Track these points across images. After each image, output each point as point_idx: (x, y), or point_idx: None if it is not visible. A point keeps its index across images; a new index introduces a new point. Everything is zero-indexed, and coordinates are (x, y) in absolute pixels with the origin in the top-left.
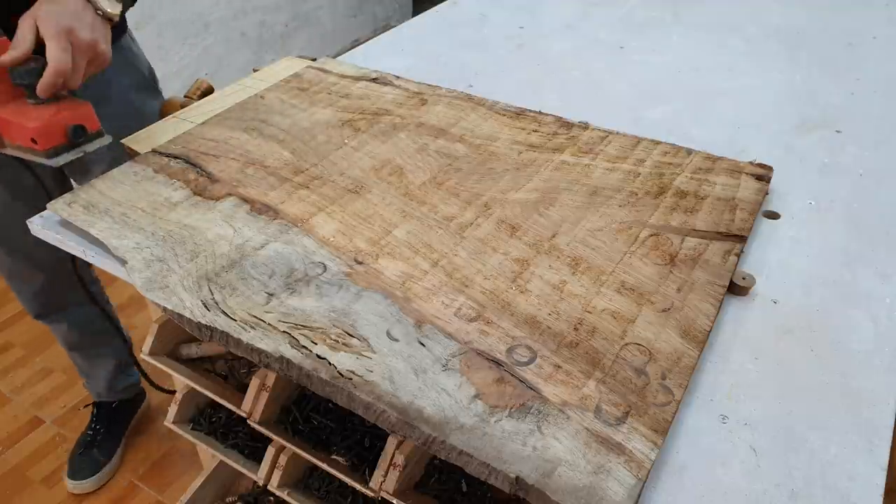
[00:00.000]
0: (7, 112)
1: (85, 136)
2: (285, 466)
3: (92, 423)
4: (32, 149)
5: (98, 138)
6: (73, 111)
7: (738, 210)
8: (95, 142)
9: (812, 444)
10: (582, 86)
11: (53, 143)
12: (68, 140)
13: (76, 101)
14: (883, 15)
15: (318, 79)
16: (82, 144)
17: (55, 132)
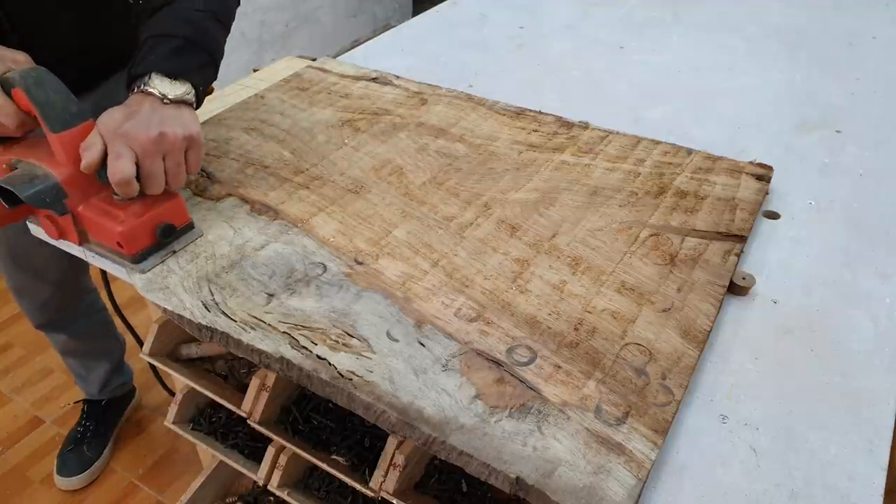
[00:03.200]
0: (91, 210)
1: (174, 233)
2: (285, 466)
3: (82, 419)
4: (118, 252)
5: (187, 232)
6: (161, 208)
7: (739, 210)
8: (184, 237)
9: (812, 444)
10: (582, 86)
11: (140, 247)
12: (156, 240)
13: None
14: (883, 15)
15: (318, 79)
16: (170, 243)
17: (142, 235)
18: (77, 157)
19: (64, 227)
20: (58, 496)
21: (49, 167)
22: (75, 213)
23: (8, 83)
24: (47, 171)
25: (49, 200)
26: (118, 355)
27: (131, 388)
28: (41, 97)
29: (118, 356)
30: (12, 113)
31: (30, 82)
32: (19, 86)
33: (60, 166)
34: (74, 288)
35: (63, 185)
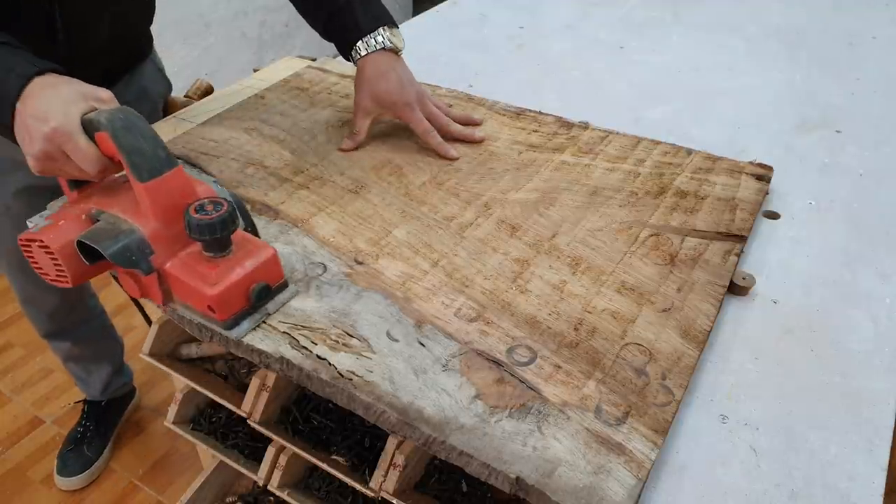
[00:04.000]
0: (179, 268)
1: (269, 294)
2: (285, 466)
3: (82, 420)
4: (207, 315)
5: (281, 291)
6: (256, 266)
7: (739, 210)
8: (279, 297)
9: (812, 444)
10: (582, 86)
11: (234, 311)
12: (250, 303)
13: (257, 246)
14: (883, 15)
15: (318, 79)
16: (265, 305)
17: (236, 298)
18: (165, 208)
19: (146, 286)
20: (58, 496)
21: (133, 220)
22: (161, 272)
23: (92, 125)
24: (132, 225)
25: (135, 258)
26: (118, 357)
27: (131, 389)
28: (129, 143)
29: (118, 358)
30: (95, 159)
31: (117, 126)
32: (106, 130)
33: (146, 219)
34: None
35: (149, 240)
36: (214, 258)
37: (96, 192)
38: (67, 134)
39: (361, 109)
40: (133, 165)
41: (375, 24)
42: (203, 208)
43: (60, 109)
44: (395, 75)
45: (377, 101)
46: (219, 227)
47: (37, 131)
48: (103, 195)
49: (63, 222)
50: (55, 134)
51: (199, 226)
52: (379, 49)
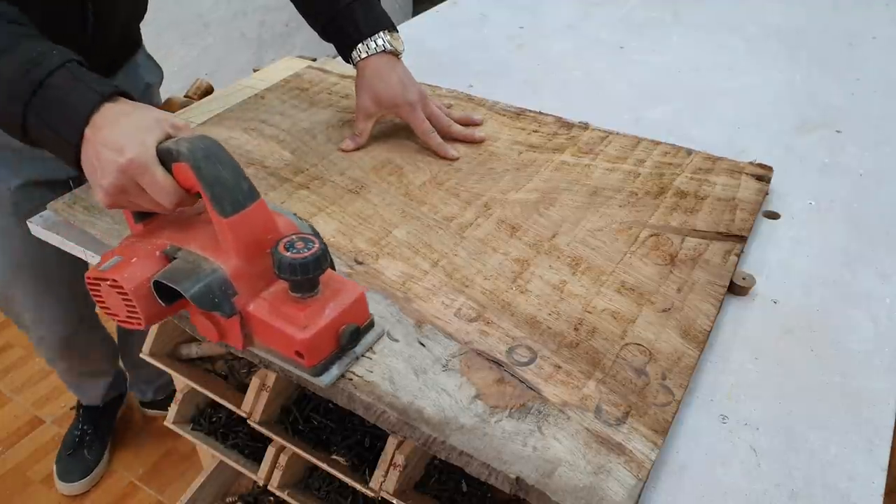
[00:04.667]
0: (264, 310)
1: (359, 336)
2: (285, 466)
3: (79, 423)
4: (294, 361)
5: (369, 331)
6: (345, 306)
7: (739, 210)
8: (367, 339)
9: (812, 444)
10: (582, 86)
11: (323, 356)
12: (339, 346)
13: (344, 285)
14: (883, 15)
15: (318, 79)
16: (354, 347)
17: (325, 342)
18: (248, 244)
19: (226, 329)
20: (58, 496)
21: (214, 257)
22: (244, 314)
23: (171, 156)
24: (213, 263)
25: (217, 300)
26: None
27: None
28: (212, 175)
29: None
30: (172, 191)
31: (199, 156)
32: (186, 161)
33: (228, 256)
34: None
35: (232, 279)
36: (302, 299)
37: (167, 225)
38: (143, 165)
39: (363, 111)
40: (215, 199)
41: (376, 27)
42: (293, 246)
43: (136, 139)
44: (397, 76)
45: (379, 102)
46: (312, 266)
47: (110, 163)
48: (177, 229)
49: (136, 260)
50: (131, 166)
51: (292, 265)
52: (380, 52)
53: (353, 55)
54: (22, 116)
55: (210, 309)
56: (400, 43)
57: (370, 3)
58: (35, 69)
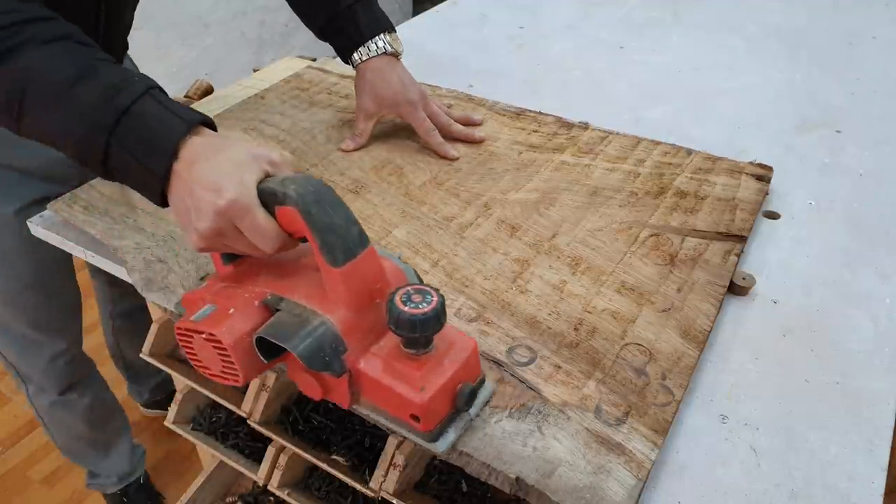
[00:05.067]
0: (376, 367)
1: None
2: (285, 466)
3: None
4: (407, 424)
5: (481, 387)
6: (460, 362)
7: (739, 210)
8: (480, 396)
9: (812, 444)
10: (582, 86)
11: (439, 419)
12: (454, 407)
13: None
14: (883, 15)
15: (318, 79)
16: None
17: (442, 404)
18: (359, 295)
19: (332, 386)
20: (58, 496)
21: (321, 309)
22: (353, 371)
23: (275, 198)
24: (322, 316)
25: (328, 358)
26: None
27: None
28: (323, 221)
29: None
30: (275, 236)
31: (309, 201)
32: (295, 205)
33: (336, 308)
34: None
35: (342, 334)
36: (416, 355)
37: (261, 269)
38: (245, 208)
39: (364, 111)
40: (327, 247)
41: (377, 29)
42: (410, 299)
43: (235, 178)
44: (397, 77)
45: (380, 102)
46: (433, 322)
47: (207, 204)
48: (275, 275)
49: (234, 311)
50: (231, 208)
51: (412, 321)
52: (380, 53)
53: (355, 57)
54: (105, 146)
55: (321, 369)
56: (399, 44)
57: (370, 4)
58: (119, 95)
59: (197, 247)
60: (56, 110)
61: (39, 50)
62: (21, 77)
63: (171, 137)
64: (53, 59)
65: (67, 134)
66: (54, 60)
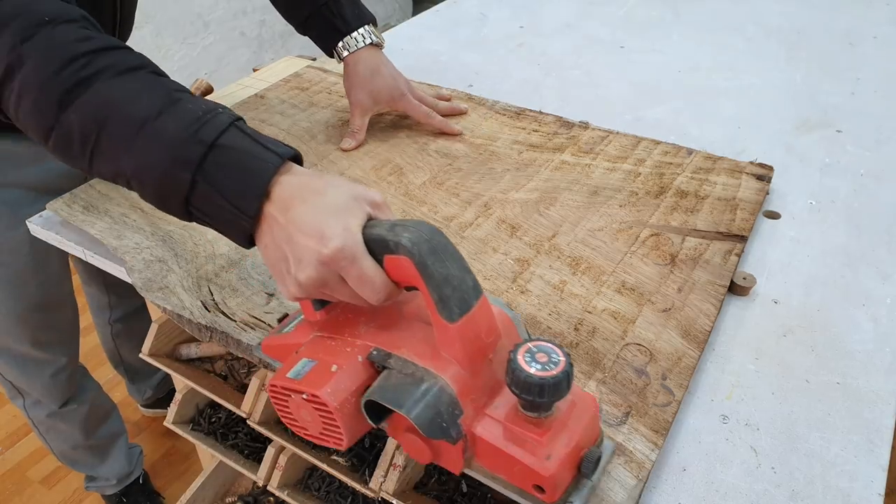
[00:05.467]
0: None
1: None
2: (285, 467)
3: None
4: (530, 494)
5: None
6: (584, 425)
7: (739, 210)
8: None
9: (812, 444)
10: (582, 85)
11: (564, 489)
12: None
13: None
14: (883, 14)
15: (318, 78)
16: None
17: (568, 472)
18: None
19: (443, 451)
20: (58, 496)
21: (433, 367)
22: (469, 435)
23: (386, 247)
24: (435, 377)
25: (446, 424)
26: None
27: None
28: (440, 273)
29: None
30: (382, 287)
31: (425, 251)
32: (409, 256)
33: (449, 366)
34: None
35: (458, 396)
36: (537, 418)
37: (361, 318)
38: (352, 257)
39: (360, 107)
40: (442, 302)
41: (362, 20)
42: (535, 358)
43: (339, 224)
44: (387, 70)
45: (375, 97)
46: (563, 387)
47: (311, 253)
48: (377, 327)
49: (337, 369)
50: (337, 257)
51: (541, 386)
52: (367, 45)
53: (340, 48)
54: (190, 184)
55: (438, 436)
56: (380, 36)
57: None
58: (204, 128)
59: (293, 296)
60: (136, 146)
61: (115, 82)
62: (97, 111)
63: (263, 174)
64: (131, 91)
65: (148, 171)
66: (132, 93)
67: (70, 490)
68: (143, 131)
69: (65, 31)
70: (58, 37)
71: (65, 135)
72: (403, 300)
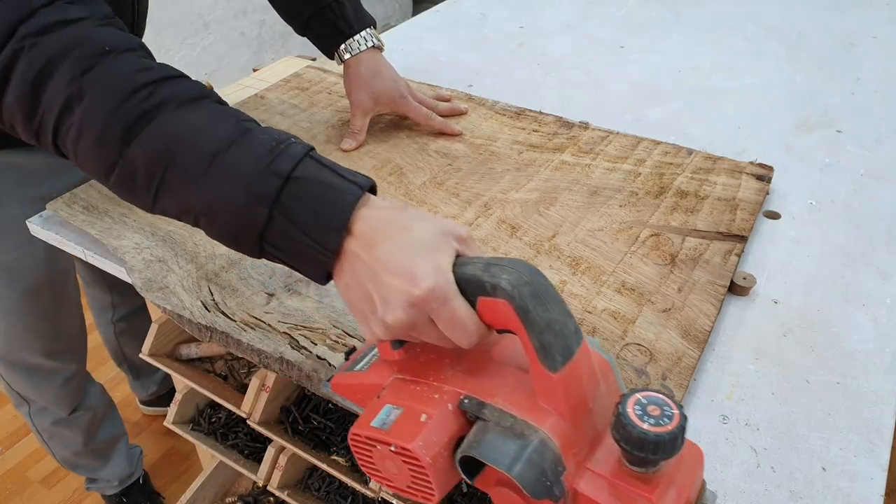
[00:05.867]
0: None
1: None
2: (285, 467)
3: None
4: None
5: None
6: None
7: (739, 210)
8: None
9: (812, 444)
10: (582, 85)
11: None
12: None
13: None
14: (883, 15)
15: (318, 78)
16: None
17: None
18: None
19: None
20: (58, 496)
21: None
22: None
23: (481, 288)
24: (536, 430)
25: (550, 483)
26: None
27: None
28: (542, 318)
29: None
30: (475, 331)
31: (526, 295)
32: (509, 300)
33: (548, 417)
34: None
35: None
36: (644, 474)
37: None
38: (444, 299)
39: (361, 108)
40: (544, 349)
41: (364, 24)
42: (646, 411)
43: (429, 263)
44: (387, 72)
45: (376, 98)
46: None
47: (399, 293)
48: (465, 371)
49: (427, 419)
50: (429, 299)
51: (655, 443)
52: (369, 48)
53: (342, 50)
54: (266, 219)
55: (541, 496)
56: (380, 39)
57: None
58: (279, 160)
59: (378, 338)
60: (207, 181)
61: (180, 113)
62: (164, 144)
63: (344, 206)
64: (199, 122)
65: (221, 207)
66: (200, 124)
67: (70, 490)
68: (213, 165)
69: (126, 62)
70: (120, 68)
71: (129, 170)
72: (491, 340)
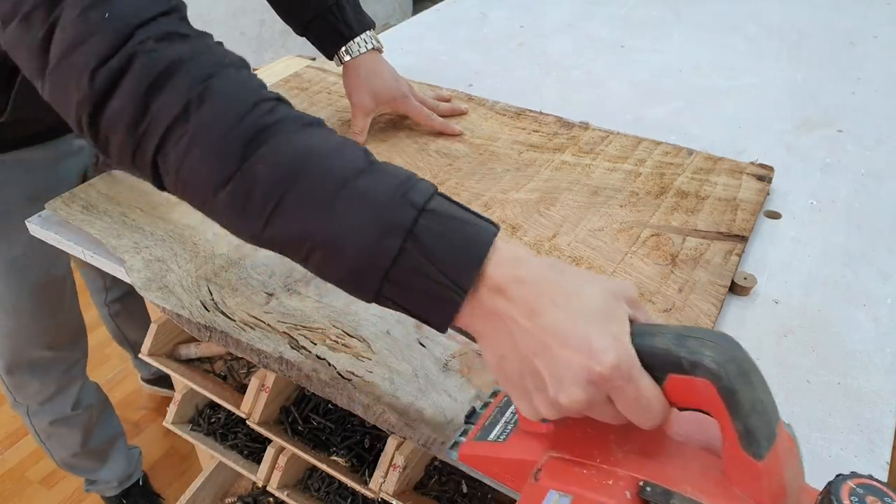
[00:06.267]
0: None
1: None
2: (285, 467)
3: None
4: None
5: None
6: None
7: (740, 210)
8: None
9: (813, 444)
10: (582, 85)
11: None
12: None
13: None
14: (883, 14)
15: (317, 78)
16: None
17: None
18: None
19: None
20: (57, 496)
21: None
22: None
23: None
24: None
25: None
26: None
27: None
28: (751, 403)
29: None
30: (661, 411)
31: (733, 373)
32: (712, 378)
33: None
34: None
35: None
36: None
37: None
38: (628, 376)
39: (362, 109)
40: (750, 434)
41: (364, 26)
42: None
43: (606, 333)
44: (387, 72)
45: (377, 98)
46: None
47: (577, 370)
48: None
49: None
50: (613, 376)
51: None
52: (370, 50)
53: (343, 52)
54: (397, 251)
55: None
56: (380, 41)
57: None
58: (412, 192)
59: (542, 417)
60: (333, 207)
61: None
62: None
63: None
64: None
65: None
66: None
67: (70, 490)
68: (344, 190)
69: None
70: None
71: (245, 186)
72: None
